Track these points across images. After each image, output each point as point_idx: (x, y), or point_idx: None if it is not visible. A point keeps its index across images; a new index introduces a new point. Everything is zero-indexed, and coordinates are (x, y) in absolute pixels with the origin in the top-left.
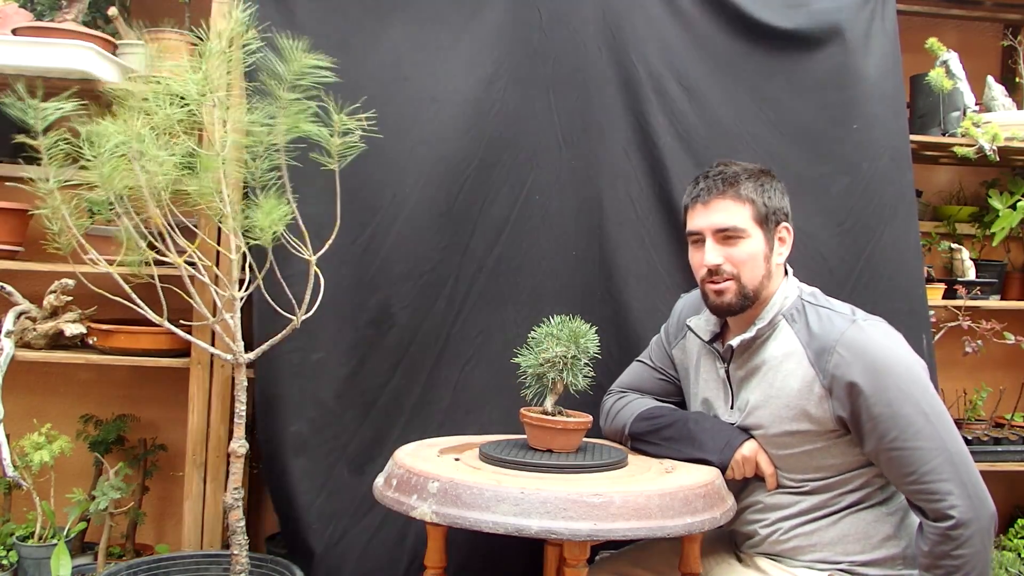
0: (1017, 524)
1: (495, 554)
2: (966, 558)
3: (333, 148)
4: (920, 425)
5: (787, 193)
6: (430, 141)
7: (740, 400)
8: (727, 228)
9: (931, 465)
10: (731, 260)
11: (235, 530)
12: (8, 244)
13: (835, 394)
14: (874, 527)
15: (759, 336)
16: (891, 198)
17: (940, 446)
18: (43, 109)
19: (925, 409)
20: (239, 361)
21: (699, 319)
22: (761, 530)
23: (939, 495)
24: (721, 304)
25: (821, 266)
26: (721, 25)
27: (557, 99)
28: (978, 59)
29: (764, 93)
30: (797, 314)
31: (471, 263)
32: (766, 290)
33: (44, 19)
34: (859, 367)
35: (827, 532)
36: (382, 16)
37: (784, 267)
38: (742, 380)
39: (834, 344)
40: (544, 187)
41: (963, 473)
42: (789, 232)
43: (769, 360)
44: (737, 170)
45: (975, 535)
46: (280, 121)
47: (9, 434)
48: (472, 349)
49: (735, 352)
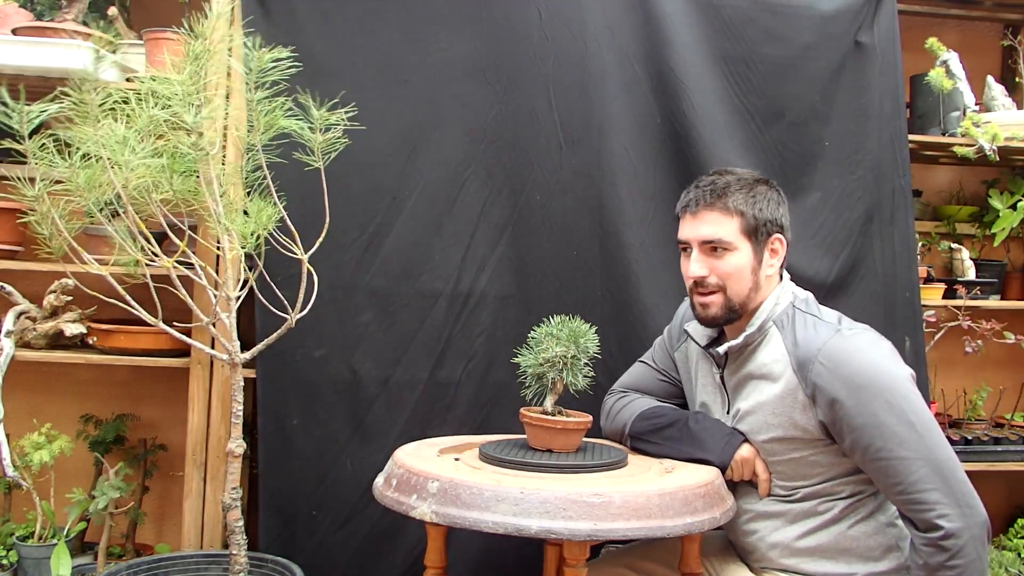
0: (1017, 524)
1: (495, 554)
2: (962, 568)
3: (315, 145)
4: (904, 435)
5: (784, 202)
6: (429, 143)
7: (734, 405)
8: (713, 240)
9: (917, 475)
10: (717, 272)
11: (234, 530)
12: (8, 244)
13: (817, 403)
14: (875, 539)
15: (749, 342)
16: (886, 199)
17: (925, 455)
18: (27, 112)
19: (910, 419)
20: (235, 361)
21: (696, 324)
22: (761, 546)
23: (927, 505)
24: (706, 316)
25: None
26: (719, 24)
27: (557, 99)
28: (978, 59)
29: (764, 92)
30: (787, 321)
31: (472, 263)
32: (754, 301)
33: (44, 19)
34: (839, 378)
35: (827, 545)
36: (379, 16)
37: (779, 273)
38: (736, 386)
39: (815, 354)
40: (545, 187)
41: (951, 482)
42: (783, 243)
43: (759, 367)
44: (729, 180)
45: (967, 544)
46: (257, 120)
47: (9, 434)
48: (474, 349)
49: (728, 358)
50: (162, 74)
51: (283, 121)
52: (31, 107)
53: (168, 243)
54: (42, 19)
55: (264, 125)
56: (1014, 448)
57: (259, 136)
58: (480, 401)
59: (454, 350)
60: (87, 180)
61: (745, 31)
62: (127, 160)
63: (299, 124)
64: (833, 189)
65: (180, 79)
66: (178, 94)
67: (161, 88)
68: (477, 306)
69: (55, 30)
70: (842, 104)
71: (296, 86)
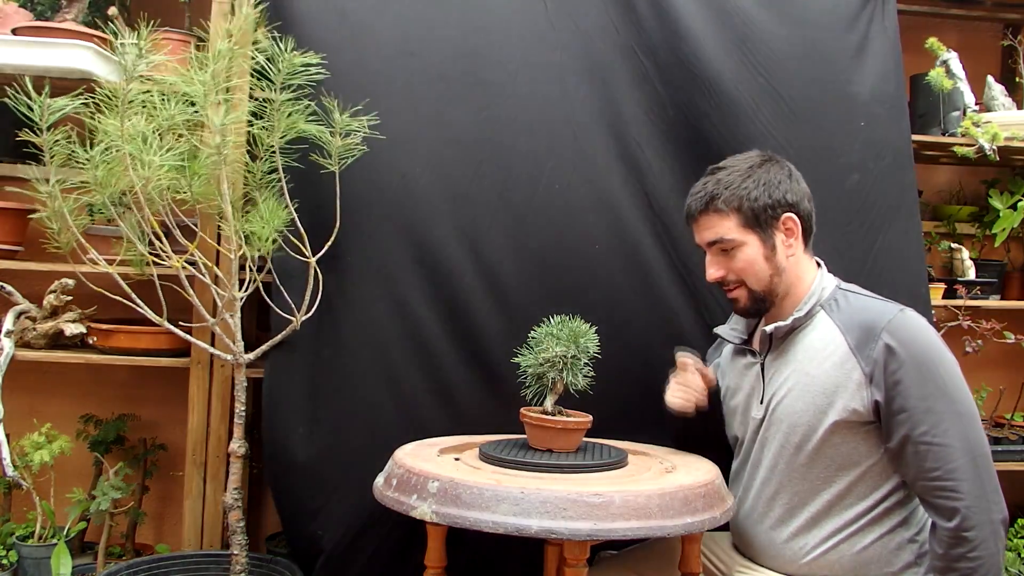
0: (1017, 524)
1: (495, 554)
2: (982, 560)
3: (334, 150)
4: (951, 423)
5: (791, 177)
6: (440, 120)
7: (769, 391)
8: (716, 241)
9: (955, 464)
10: (732, 270)
11: (235, 530)
12: (8, 244)
13: (875, 381)
14: (896, 555)
15: (796, 326)
16: (894, 198)
17: (967, 447)
18: (50, 105)
19: (959, 409)
20: (239, 361)
21: (725, 327)
22: (781, 547)
23: (956, 493)
24: (739, 309)
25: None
26: (724, 15)
27: (568, 89)
28: (978, 59)
29: (776, 83)
30: (835, 304)
31: (492, 252)
32: (782, 285)
33: (44, 19)
34: (905, 354)
35: (846, 553)
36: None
37: (816, 260)
38: (776, 371)
39: (880, 330)
40: (562, 177)
41: (983, 475)
42: (795, 221)
43: (806, 348)
44: (720, 177)
45: (988, 538)
46: (277, 123)
47: (9, 434)
48: (495, 345)
49: (772, 342)
50: (185, 73)
51: (303, 126)
52: (54, 101)
53: (172, 242)
54: (42, 19)
55: (284, 128)
56: (1014, 448)
57: (278, 139)
58: (497, 403)
59: (474, 347)
60: (104, 174)
61: (759, 14)
62: (150, 160)
63: (318, 131)
64: (869, 172)
65: (202, 78)
66: (199, 92)
67: (185, 87)
68: (497, 302)
69: (55, 30)
70: (869, 88)
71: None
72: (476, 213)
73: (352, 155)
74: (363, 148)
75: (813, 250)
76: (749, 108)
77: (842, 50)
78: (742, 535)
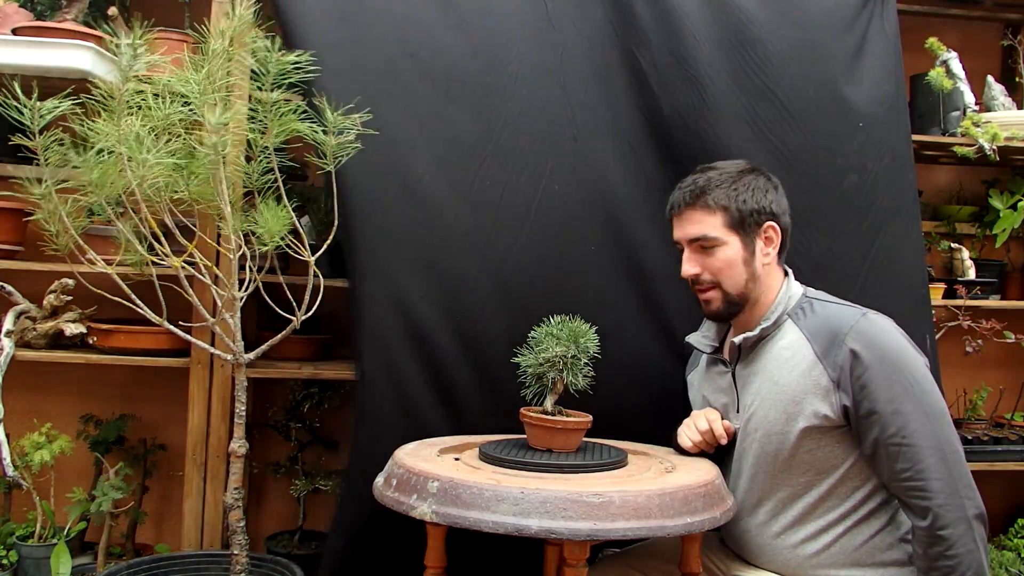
0: (1017, 524)
1: (495, 554)
2: (959, 558)
3: (328, 149)
4: (920, 423)
5: (776, 189)
6: (441, 121)
7: (744, 401)
8: (699, 238)
9: (924, 463)
10: (708, 269)
11: (235, 530)
12: (8, 244)
13: (842, 386)
14: (887, 554)
15: (764, 335)
16: (893, 198)
17: (936, 445)
18: (39, 108)
19: (925, 409)
20: (239, 361)
21: (696, 335)
22: (772, 548)
23: (928, 492)
24: (710, 312)
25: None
26: (723, 15)
27: (567, 91)
28: (978, 59)
29: (774, 84)
30: (802, 311)
31: (493, 252)
32: (754, 292)
33: (44, 19)
34: (869, 358)
35: (839, 555)
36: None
37: (784, 268)
38: (747, 380)
39: (844, 335)
40: (562, 178)
41: (955, 472)
42: (776, 231)
43: (774, 357)
44: (711, 176)
45: (964, 534)
46: (270, 123)
47: (9, 434)
48: (495, 345)
49: (741, 352)
50: (180, 72)
51: (296, 124)
52: (44, 103)
53: (171, 242)
54: (42, 19)
55: (276, 127)
56: (1014, 448)
57: (272, 140)
58: (503, 404)
59: (478, 349)
60: (100, 176)
61: (759, 14)
62: (144, 158)
63: (312, 130)
64: (868, 172)
65: (197, 77)
66: (195, 92)
67: (180, 87)
68: (501, 303)
69: (55, 30)
70: (867, 89)
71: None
72: (477, 214)
73: (347, 153)
74: (357, 146)
75: (812, 250)
76: (747, 109)
77: (841, 50)
78: (736, 540)
